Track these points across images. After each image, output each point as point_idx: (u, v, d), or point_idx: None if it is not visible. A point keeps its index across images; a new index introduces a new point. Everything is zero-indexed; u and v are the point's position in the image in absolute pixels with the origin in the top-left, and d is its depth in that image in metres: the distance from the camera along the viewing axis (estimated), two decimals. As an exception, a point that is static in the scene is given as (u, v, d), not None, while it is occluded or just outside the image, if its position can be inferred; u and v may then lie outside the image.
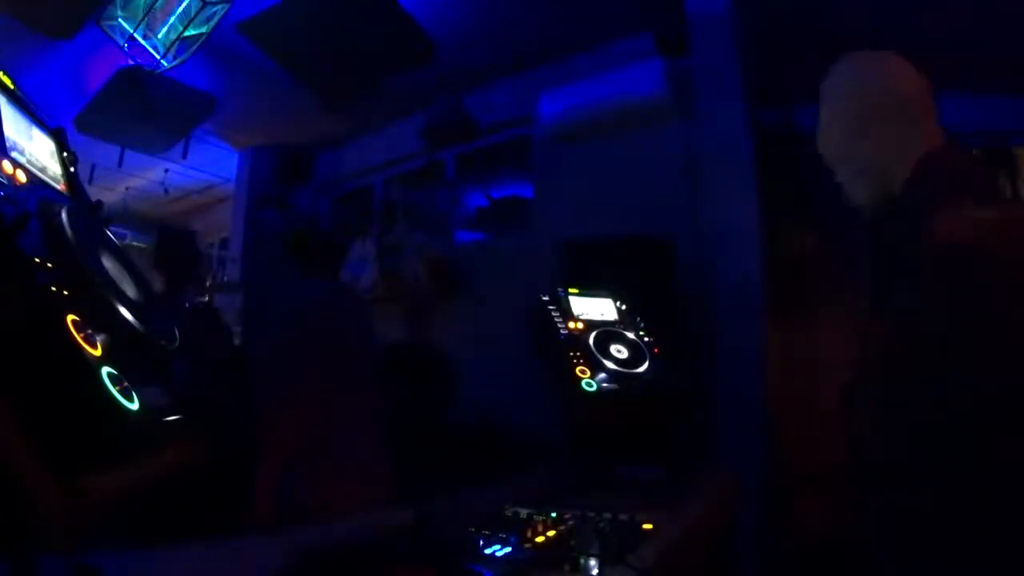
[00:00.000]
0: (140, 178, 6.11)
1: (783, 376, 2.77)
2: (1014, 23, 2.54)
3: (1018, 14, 2.49)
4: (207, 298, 3.70)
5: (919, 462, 0.87)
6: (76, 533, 0.64)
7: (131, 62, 3.59)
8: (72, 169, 1.00)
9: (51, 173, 0.94)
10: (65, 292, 0.71)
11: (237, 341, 2.92)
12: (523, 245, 3.79)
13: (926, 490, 0.85)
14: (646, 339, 1.97)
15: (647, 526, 1.09)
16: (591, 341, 1.83)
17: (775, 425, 2.62)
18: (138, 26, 3.42)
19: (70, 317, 0.67)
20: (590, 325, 1.89)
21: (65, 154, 1.00)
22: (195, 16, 3.37)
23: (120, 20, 3.41)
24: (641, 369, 1.85)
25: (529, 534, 0.99)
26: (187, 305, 2.69)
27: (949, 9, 2.58)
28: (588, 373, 1.73)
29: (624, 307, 2.04)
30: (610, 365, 1.79)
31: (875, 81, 1.12)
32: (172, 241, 2.64)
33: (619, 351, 1.86)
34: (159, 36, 3.53)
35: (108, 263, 0.89)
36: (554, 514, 1.14)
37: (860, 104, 1.11)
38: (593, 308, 1.97)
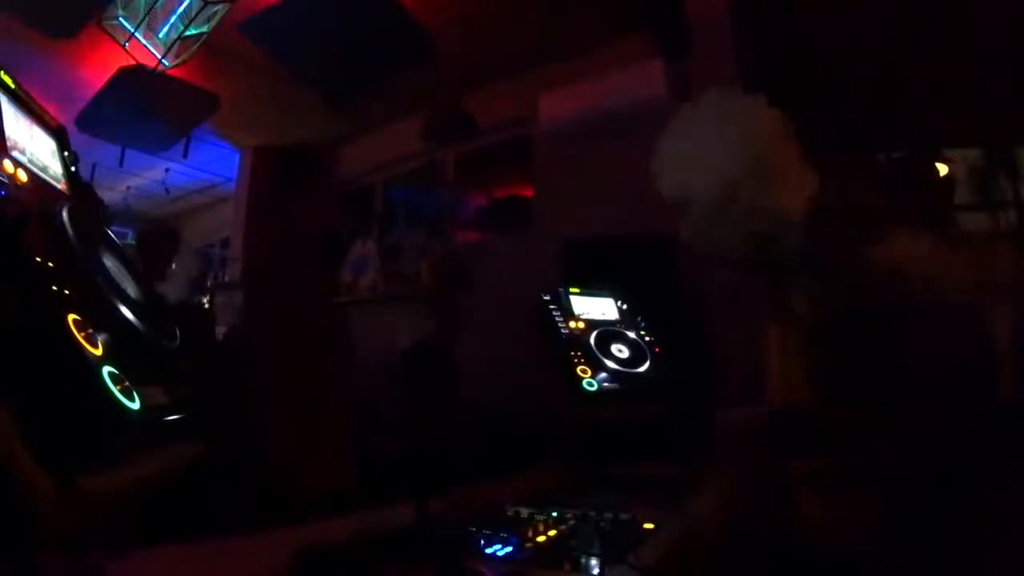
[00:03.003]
0: (141, 178, 6.11)
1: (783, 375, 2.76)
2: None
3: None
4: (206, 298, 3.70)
5: None
6: (76, 533, 0.64)
7: (131, 62, 3.59)
8: (73, 169, 1.00)
9: (52, 173, 0.94)
10: (65, 292, 0.71)
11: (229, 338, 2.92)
12: (523, 245, 3.78)
13: None
14: (647, 339, 1.97)
15: (647, 526, 1.09)
16: (592, 341, 1.83)
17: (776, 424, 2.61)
18: (139, 26, 3.42)
19: (71, 317, 0.67)
20: (591, 324, 1.89)
21: (66, 154, 1.00)
22: (196, 15, 3.37)
23: (121, 20, 3.41)
24: (642, 369, 1.85)
25: (529, 534, 0.99)
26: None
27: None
28: (589, 373, 1.73)
29: (625, 307, 2.04)
30: (611, 365, 1.79)
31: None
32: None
33: (620, 351, 1.85)
34: (160, 36, 3.53)
35: (109, 263, 0.89)
36: (554, 514, 1.14)
37: None
38: (594, 307, 1.97)
